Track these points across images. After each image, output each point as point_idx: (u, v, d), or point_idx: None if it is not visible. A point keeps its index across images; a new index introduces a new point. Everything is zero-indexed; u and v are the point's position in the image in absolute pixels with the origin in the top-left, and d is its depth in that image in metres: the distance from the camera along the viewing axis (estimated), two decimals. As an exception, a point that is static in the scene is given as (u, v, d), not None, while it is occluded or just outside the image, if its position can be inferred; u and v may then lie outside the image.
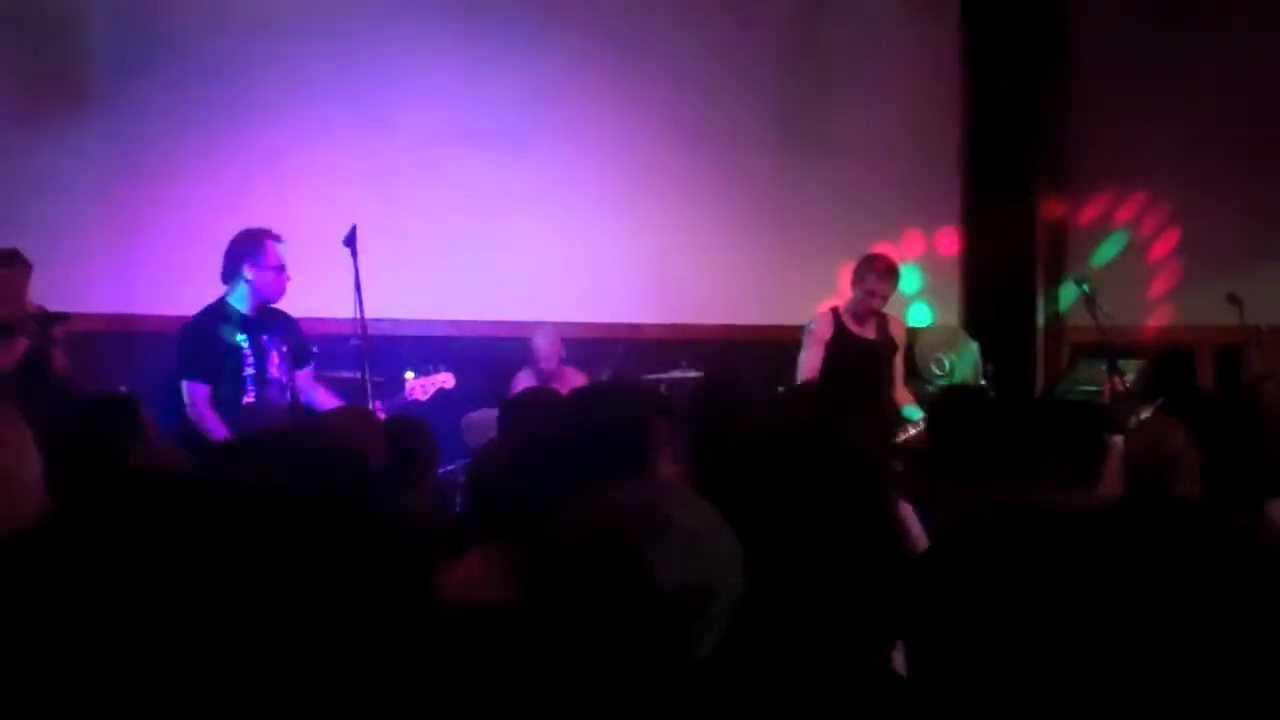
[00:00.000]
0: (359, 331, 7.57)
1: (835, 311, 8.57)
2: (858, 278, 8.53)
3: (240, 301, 7.40)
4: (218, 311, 7.41)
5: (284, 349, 7.47)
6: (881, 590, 2.52)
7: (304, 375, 7.59)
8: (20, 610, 1.33)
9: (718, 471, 2.71)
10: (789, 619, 2.48)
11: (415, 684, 1.69)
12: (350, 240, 7.57)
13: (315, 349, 7.71)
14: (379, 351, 7.92)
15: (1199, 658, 1.74)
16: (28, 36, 9.47)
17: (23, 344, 8.03)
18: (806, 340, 8.53)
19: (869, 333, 8.55)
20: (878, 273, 8.49)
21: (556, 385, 8.62)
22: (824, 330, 8.50)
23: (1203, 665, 1.74)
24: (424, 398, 7.85)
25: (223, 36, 9.69)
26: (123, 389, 7.35)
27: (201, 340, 7.35)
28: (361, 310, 7.52)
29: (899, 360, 8.68)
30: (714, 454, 2.85)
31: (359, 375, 7.64)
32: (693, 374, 8.91)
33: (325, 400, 7.49)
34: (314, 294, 7.77)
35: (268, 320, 7.45)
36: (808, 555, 2.55)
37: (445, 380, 7.98)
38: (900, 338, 8.71)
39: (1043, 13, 10.70)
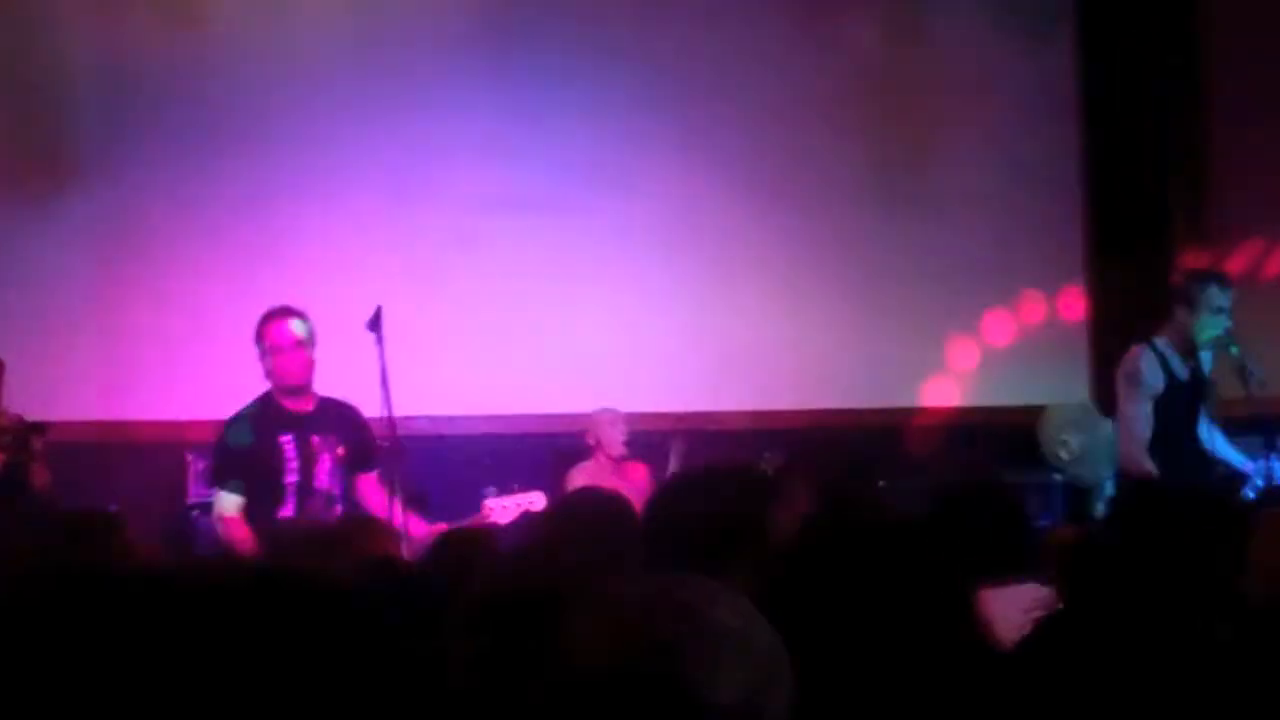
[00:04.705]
0: (387, 431, 7.38)
1: (1156, 350, 8.21)
2: (1190, 300, 8.15)
3: (280, 394, 7.42)
4: (261, 407, 7.41)
5: (339, 452, 7.41)
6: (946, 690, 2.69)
7: (366, 481, 7.52)
8: None
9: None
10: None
11: None
12: (375, 324, 7.45)
13: (383, 450, 7.60)
14: (412, 456, 7.71)
15: None
16: (9, 104, 9.59)
17: (-5, 458, 8.24)
18: (1133, 392, 8.18)
19: (1187, 370, 8.23)
20: (1222, 287, 8.17)
21: (620, 480, 8.57)
22: (1155, 377, 8.13)
23: None
24: (505, 521, 7.74)
25: (228, 104, 9.76)
26: (112, 508, 7.33)
27: (237, 440, 7.36)
28: (390, 406, 7.33)
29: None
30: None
31: (389, 484, 7.43)
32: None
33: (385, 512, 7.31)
34: (333, 388, 7.60)
35: (324, 417, 7.43)
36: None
37: (533, 500, 7.88)
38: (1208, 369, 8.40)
39: (1171, 39, 10.72)
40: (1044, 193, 10.75)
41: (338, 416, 7.49)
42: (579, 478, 8.99)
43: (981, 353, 10.49)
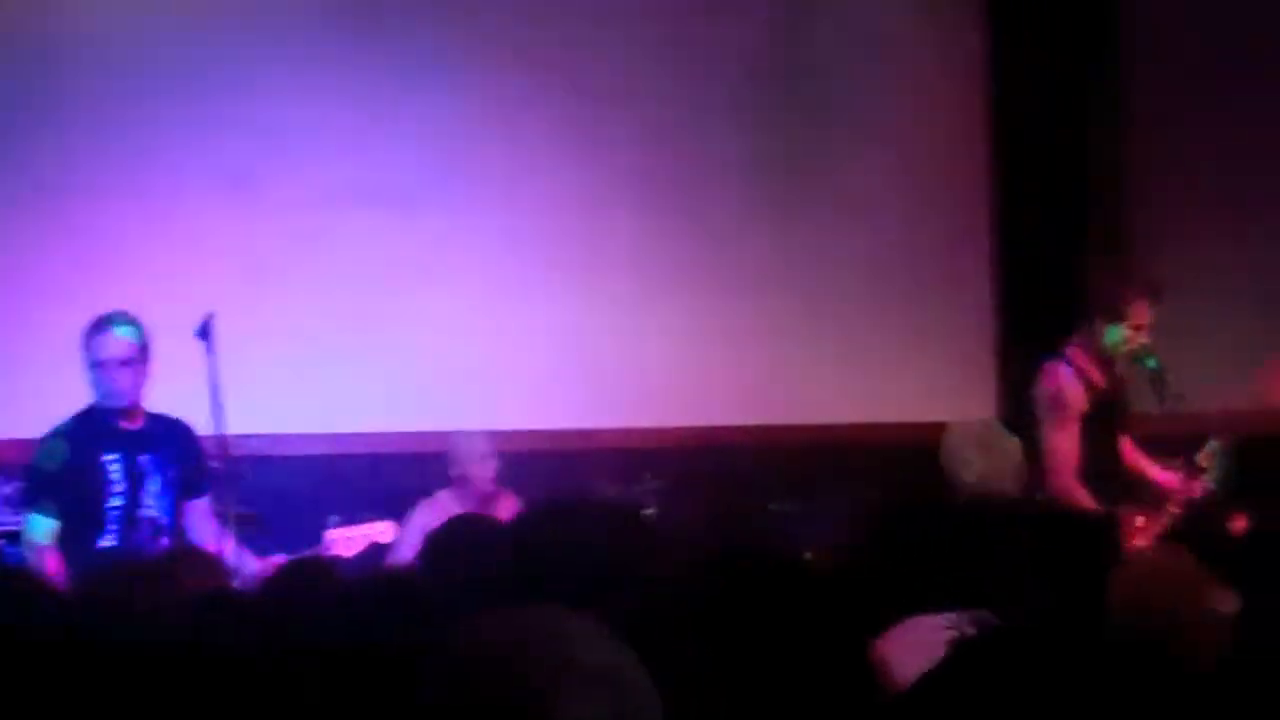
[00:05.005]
0: (218, 452, 7.26)
1: (1074, 366, 8.09)
2: (1111, 311, 8.04)
3: (106, 410, 7.21)
4: (82, 423, 7.17)
5: (170, 474, 7.26)
6: None
7: (196, 508, 7.36)
8: None
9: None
10: None
11: None
12: (205, 332, 7.25)
13: (215, 473, 7.48)
14: (247, 478, 7.67)
15: None
16: None
17: None
18: (1058, 417, 8.03)
19: (1107, 381, 8.12)
20: (1149, 301, 8.05)
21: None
22: (1077, 397, 7.99)
23: None
24: (350, 554, 7.53)
25: (44, 88, 9.49)
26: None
27: (50, 460, 7.11)
28: (221, 423, 7.18)
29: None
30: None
31: (220, 512, 7.34)
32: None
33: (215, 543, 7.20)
34: (158, 403, 7.34)
35: (154, 435, 7.26)
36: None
37: (381, 532, 7.71)
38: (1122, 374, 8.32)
39: (1087, 34, 10.71)
40: (949, 195, 10.79)
41: (169, 435, 7.29)
42: (431, 513, 8.63)
43: (880, 365, 10.42)
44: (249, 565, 6.91)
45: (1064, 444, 8.00)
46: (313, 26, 9.91)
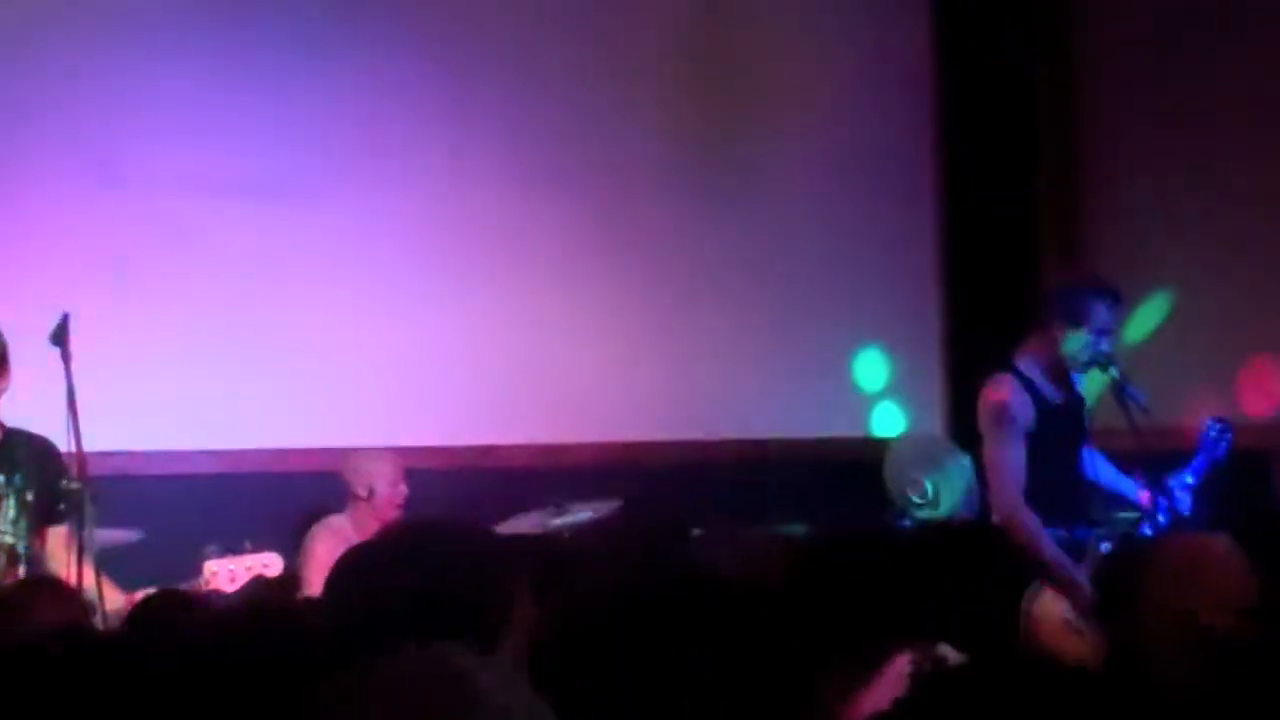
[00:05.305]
0: (76, 471, 6.82)
1: (1021, 377, 7.90)
2: (1071, 315, 7.83)
3: None
4: None
5: (27, 497, 6.95)
6: None
7: (57, 535, 7.05)
8: None
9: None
10: None
11: None
12: (60, 336, 6.85)
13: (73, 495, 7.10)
14: (108, 502, 7.12)
15: None
16: None
17: None
18: (1001, 434, 7.87)
19: (1060, 393, 7.94)
20: (1109, 302, 7.87)
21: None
22: (1023, 408, 7.79)
23: None
24: (232, 588, 7.37)
25: None
26: None
27: None
28: (78, 438, 6.74)
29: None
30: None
31: (78, 538, 6.84)
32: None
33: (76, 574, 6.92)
34: (4, 416, 6.98)
35: (11, 454, 7.02)
36: None
37: (267, 563, 7.49)
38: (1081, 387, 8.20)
39: (1036, 39, 10.72)
40: (892, 196, 10.65)
41: (28, 453, 6.97)
42: (329, 539, 8.40)
43: (818, 376, 10.27)
44: (114, 599, 6.55)
45: (1008, 461, 7.87)
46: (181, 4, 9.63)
